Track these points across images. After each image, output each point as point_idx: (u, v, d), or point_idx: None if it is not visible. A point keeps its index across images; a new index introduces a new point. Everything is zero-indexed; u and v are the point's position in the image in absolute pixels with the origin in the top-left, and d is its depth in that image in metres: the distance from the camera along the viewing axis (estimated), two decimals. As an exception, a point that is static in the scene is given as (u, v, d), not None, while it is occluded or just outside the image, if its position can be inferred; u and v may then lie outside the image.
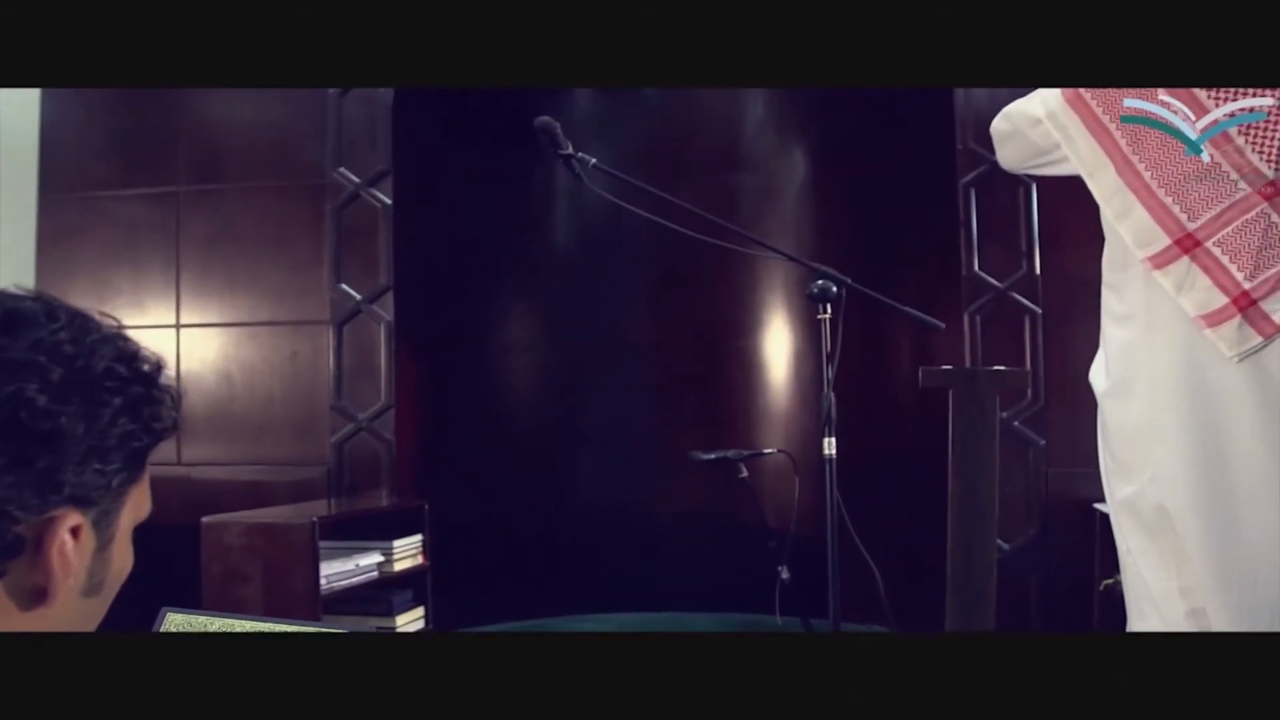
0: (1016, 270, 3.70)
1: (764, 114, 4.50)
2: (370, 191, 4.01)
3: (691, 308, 4.42)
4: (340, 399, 4.00)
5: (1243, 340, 2.04)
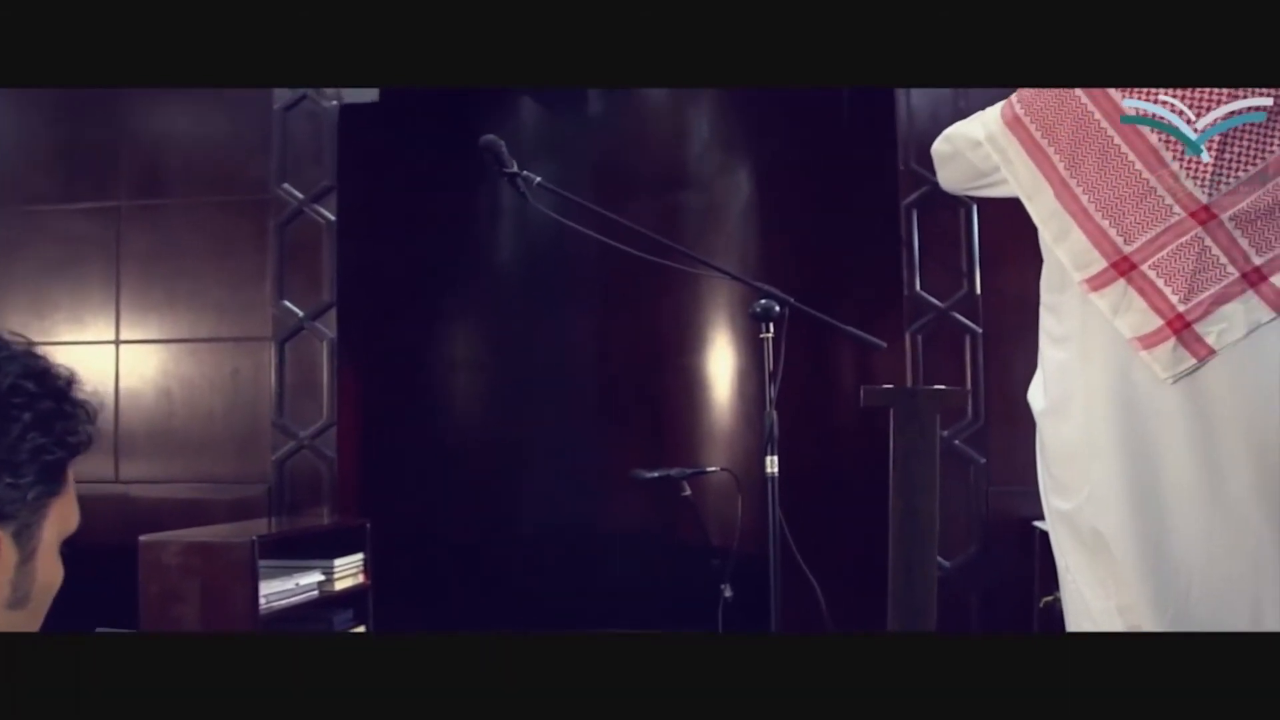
0: (957, 290, 3.75)
1: (709, 134, 4.52)
2: (314, 208, 3.99)
3: (635, 326, 4.42)
4: (282, 416, 3.96)
5: (1177, 362, 2.08)
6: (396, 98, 4.05)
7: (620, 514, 4.32)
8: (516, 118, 4.55)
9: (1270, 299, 2.04)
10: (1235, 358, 2.07)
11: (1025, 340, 2.44)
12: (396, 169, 4.34)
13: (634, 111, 4.54)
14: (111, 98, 4.14)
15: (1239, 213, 2.04)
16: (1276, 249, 2.04)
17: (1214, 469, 2.08)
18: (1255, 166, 2.04)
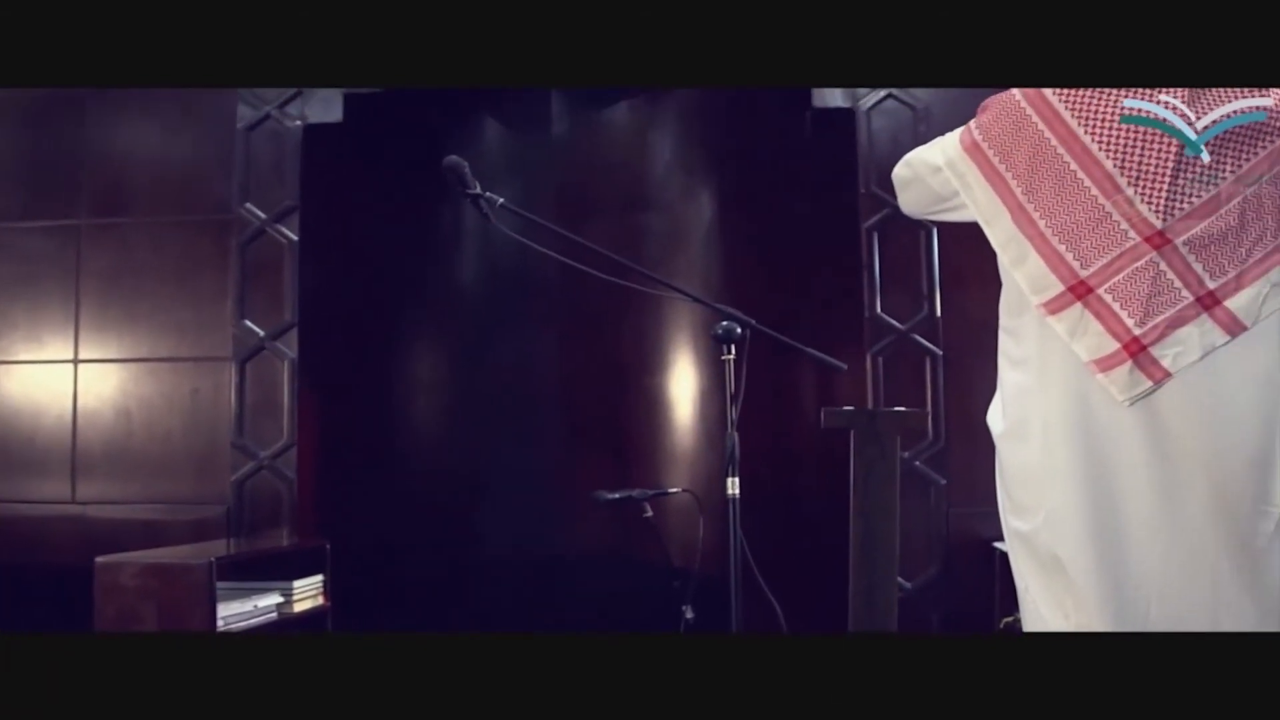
0: (918, 312, 3.78)
1: (671, 156, 4.54)
2: (276, 227, 3.98)
3: (598, 347, 4.43)
4: (241, 437, 3.94)
5: (1133, 385, 2.10)
6: (360, 118, 4.05)
7: (582, 535, 4.31)
8: (480, 139, 4.55)
9: (1224, 322, 2.07)
10: (1191, 380, 2.10)
11: (985, 362, 2.46)
12: (360, 189, 4.33)
13: (597, 133, 4.56)
14: (75, 115, 4.12)
15: (1193, 238, 2.07)
16: (1230, 273, 2.07)
17: (1171, 490, 2.10)
18: (1208, 193, 2.07)
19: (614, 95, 4.53)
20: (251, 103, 4.03)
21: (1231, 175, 2.07)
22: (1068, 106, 2.14)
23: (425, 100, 4.31)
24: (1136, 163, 2.07)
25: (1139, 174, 2.07)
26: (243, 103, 4.03)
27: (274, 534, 3.91)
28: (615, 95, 4.53)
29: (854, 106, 3.87)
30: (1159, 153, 2.07)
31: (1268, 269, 2.07)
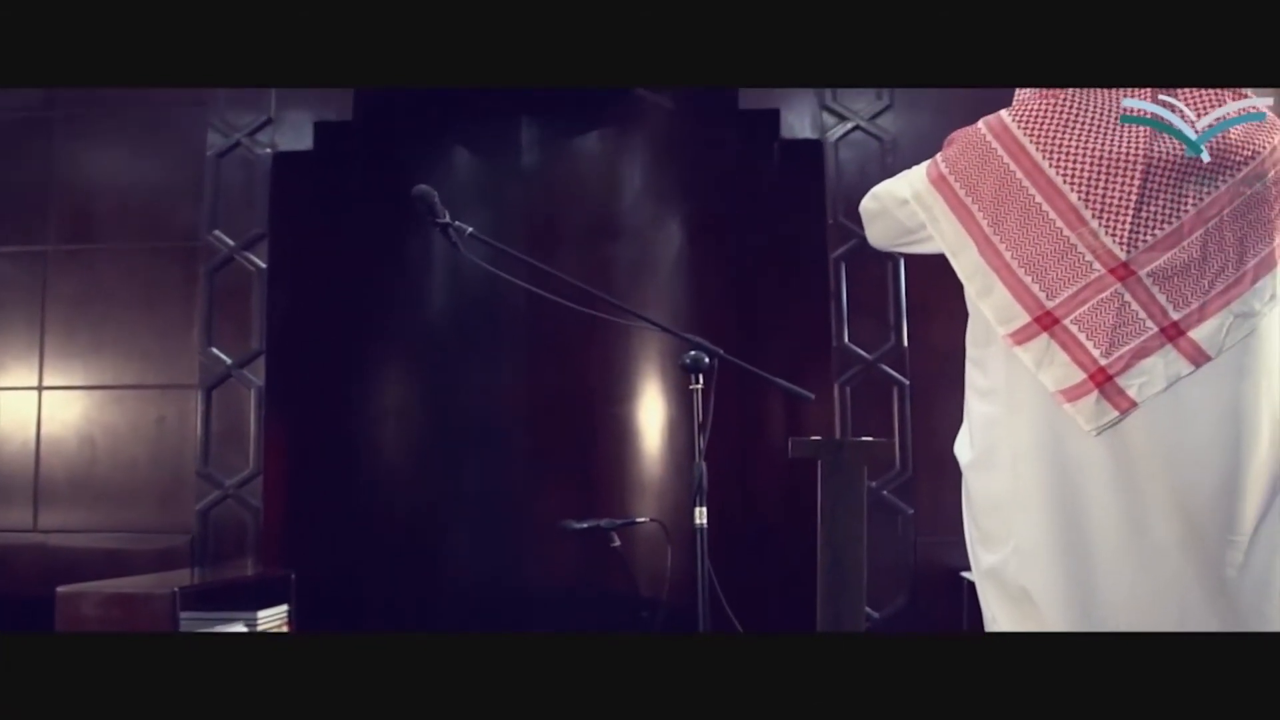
0: (885, 343, 3.80)
1: (641, 187, 4.56)
2: (245, 255, 3.96)
3: (566, 376, 4.43)
4: (207, 465, 3.90)
5: (1100, 415, 2.12)
6: (330, 146, 4.05)
7: (549, 565, 4.30)
8: (450, 167, 4.56)
9: (1188, 353, 2.09)
10: (1157, 410, 2.11)
11: (953, 392, 2.47)
12: (329, 217, 4.32)
13: (567, 162, 4.58)
14: (43, 140, 4.10)
15: (1156, 269, 2.10)
16: (1193, 304, 2.09)
17: (1139, 520, 2.12)
18: (1171, 225, 2.09)
19: (584, 125, 4.55)
20: (221, 130, 4.02)
21: (1193, 208, 2.10)
22: (1032, 140, 2.16)
23: (395, 129, 4.32)
24: (1100, 195, 2.10)
25: (1103, 206, 2.10)
26: (213, 130, 4.02)
27: (239, 563, 3.88)
28: (585, 125, 4.55)
29: (822, 138, 3.90)
30: (1122, 186, 2.09)
31: (1230, 300, 2.10)
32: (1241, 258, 2.11)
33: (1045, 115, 2.18)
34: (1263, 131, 2.16)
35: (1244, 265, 2.11)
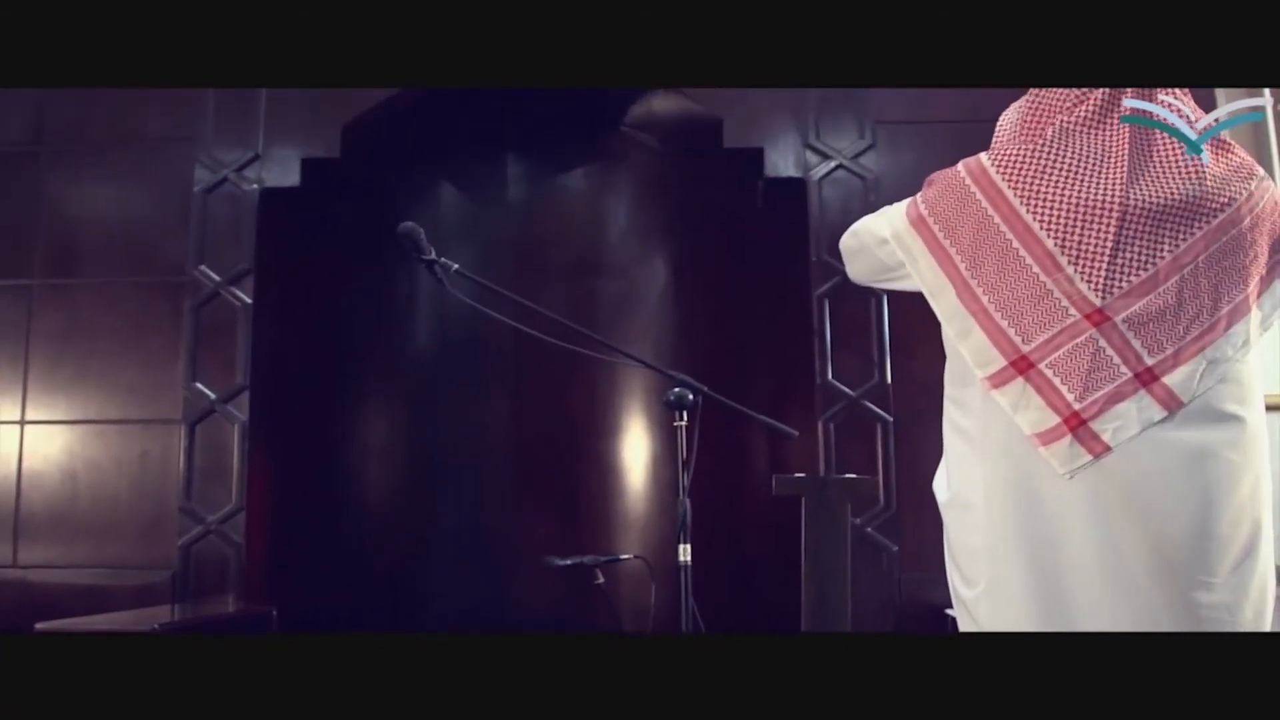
0: (868, 379, 3.81)
1: (626, 224, 4.58)
2: (231, 290, 3.96)
3: (551, 412, 4.43)
4: (189, 500, 3.89)
5: (1074, 458, 2.14)
6: (317, 182, 4.06)
7: (533, 601, 4.29)
8: (436, 204, 4.58)
9: (1162, 398, 2.11)
10: (1131, 454, 2.13)
11: (936, 428, 2.48)
12: (315, 253, 4.33)
13: (553, 199, 4.60)
14: (31, 174, 4.10)
15: (1132, 315, 2.12)
16: (1167, 350, 2.12)
17: (1113, 562, 2.13)
18: (1147, 271, 2.12)
19: (570, 161, 4.58)
20: (209, 166, 4.03)
21: (1169, 255, 2.12)
22: (1010, 185, 2.19)
23: (382, 165, 4.34)
24: (1076, 242, 2.13)
25: (1079, 253, 2.12)
26: (200, 166, 4.03)
27: (220, 599, 3.86)
28: (571, 161, 4.58)
29: (805, 176, 3.93)
30: (1098, 232, 2.12)
31: (1204, 346, 2.12)
32: (1216, 304, 2.14)
33: (1023, 161, 2.20)
34: (1239, 179, 2.19)
35: (1218, 312, 2.13)
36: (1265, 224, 2.19)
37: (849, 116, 3.97)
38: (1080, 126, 2.20)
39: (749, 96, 3.98)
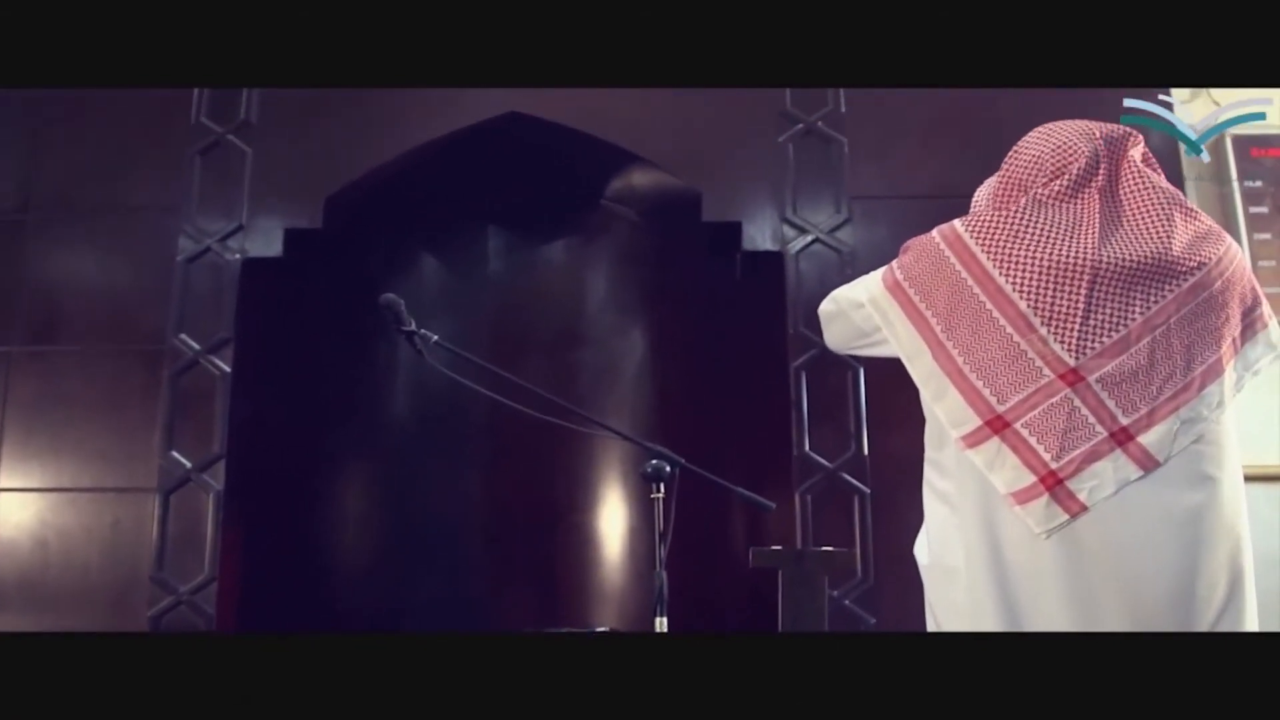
0: (845, 451, 3.82)
1: (605, 295, 4.62)
2: (210, 359, 3.96)
3: (528, 483, 4.42)
4: (161, 570, 3.85)
5: (1050, 518, 2.15)
6: (299, 253, 4.08)
7: (509, 673, 4.23)
8: (417, 275, 4.61)
9: (1137, 457, 2.13)
10: (1107, 514, 2.15)
11: (913, 500, 2.49)
12: (295, 323, 4.34)
13: (533, 271, 4.64)
14: (15, 241, 4.10)
15: (1105, 375, 2.15)
16: (1141, 410, 2.14)
17: (1090, 622, 2.14)
18: (1119, 332, 2.15)
19: (550, 234, 4.63)
20: (193, 235, 4.05)
21: (1140, 317, 2.16)
22: (984, 249, 2.23)
23: (364, 236, 4.37)
24: (1049, 304, 2.16)
25: (1051, 314, 2.16)
26: (184, 235, 4.05)
27: (191, 671, 3.80)
28: (551, 234, 4.63)
29: (782, 250, 3.98)
30: (1070, 294, 2.15)
31: (1178, 406, 2.15)
32: (1189, 365, 2.17)
33: (996, 226, 2.24)
34: (1209, 243, 2.24)
35: (1191, 372, 2.16)
36: (1235, 288, 2.23)
37: (825, 191, 4.03)
38: (1054, 199, 2.24)
39: (727, 171, 4.04)
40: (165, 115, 4.18)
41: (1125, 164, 2.28)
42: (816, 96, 4.11)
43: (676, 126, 4.10)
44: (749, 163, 4.06)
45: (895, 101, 4.09)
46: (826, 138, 4.07)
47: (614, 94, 4.08)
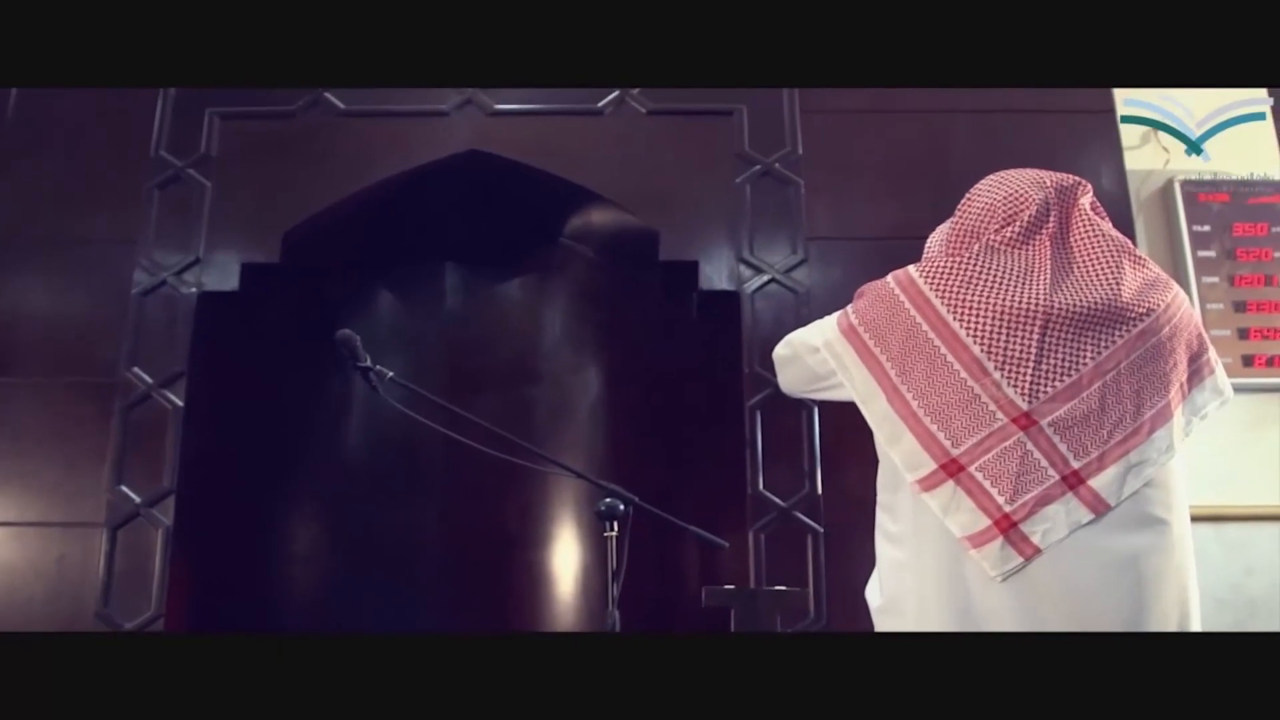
0: (799, 490, 3.84)
1: (561, 333, 4.62)
2: (163, 392, 3.92)
3: (481, 521, 4.40)
4: (107, 607, 3.79)
5: (1004, 561, 2.18)
6: (256, 287, 4.06)
7: (461, 713, 4.20)
8: (374, 311, 4.59)
9: (1089, 501, 2.17)
10: (1060, 557, 2.18)
11: (866, 540, 2.51)
12: (250, 358, 4.31)
13: (489, 308, 4.63)
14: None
15: (1057, 419, 2.18)
16: (1092, 454, 2.18)
17: (1042, 665, 2.16)
18: (1070, 377, 2.19)
19: (507, 271, 4.63)
20: (148, 268, 4.02)
21: (1091, 362, 2.20)
22: (938, 294, 2.26)
23: (321, 272, 4.36)
24: (1002, 348, 2.19)
25: (1005, 359, 2.19)
26: (140, 269, 4.02)
27: (137, 709, 3.74)
28: (508, 271, 4.63)
29: (739, 289, 4.00)
30: (1023, 339, 2.19)
31: (1128, 450, 2.18)
32: (1139, 409, 2.21)
33: (950, 272, 2.28)
34: (1156, 290, 2.28)
35: (1141, 417, 2.20)
36: (1182, 334, 2.28)
37: (782, 232, 4.06)
38: (1006, 245, 2.28)
39: (686, 211, 4.07)
40: (124, 148, 4.16)
41: (1076, 212, 2.32)
42: (774, 138, 4.16)
43: (635, 166, 4.13)
44: (706, 203, 4.09)
45: (852, 144, 4.15)
46: (784, 179, 4.11)
47: (573, 133, 4.11)
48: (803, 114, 4.19)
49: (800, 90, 4.20)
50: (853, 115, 4.20)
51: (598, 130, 4.17)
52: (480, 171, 4.15)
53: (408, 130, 4.14)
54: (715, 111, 4.18)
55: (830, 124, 4.19)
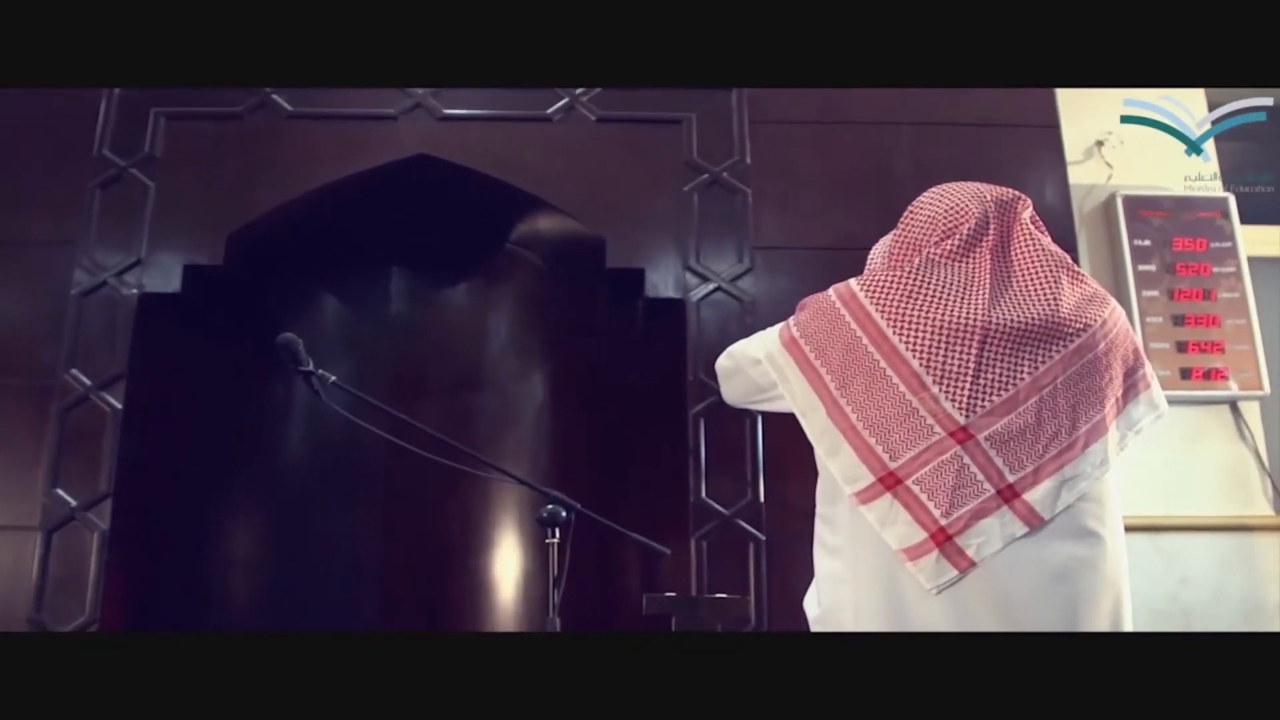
0: (742, 498, 3.85)
1: (507, 340, 4.61)
2: (101, 395, 3.87)
3: (422, 527, 4.38)
4: (39, 612, 3.72)
5: (940, 573, 2.20)
6: (198, 289, 4.02)
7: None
8: (318, 314, 4.56)
9: (1023, 514, 2.19)
10: (995, 570, 2.20)
11: (808, 549, 2.52)
12: (190, 361, 4.26)
13: (435, 313, 4.61)
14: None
15: (994, 434, 2.21)
16: (1028, 468, 2.20)
17: (978, 677, 2.18)
18: (1007, 392, 2.21)
19: (453, 276, 4.61)
20: (89, 269, 3.96)
21: (1028, 377, 2.22)
22: (878, 308, 2.28)
23: (264, 275, 4.32)
24: (941, 363, 2.21)
25: (943, 373, 2.21)
26: (80, 269, 3.96)
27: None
28: (454, 276, 4.61)
29: (684, 297, 4.01)
30: (961, 354, 2.21)
31: (1062, 464, 2.21)
32: (1074, 424, 2.23)
33: (890, 286, 2.29)
34: (1094, 305, 2.31)
35: (1076, 431, 2.23)
36: (1118, 349, 2.31)
37: (728, 241, 4.08)
38: (946, 259, 2.30)
39: (633, 218, 4.07)
40: (66, 147, 4.10)
41: (1017, 226, 2.35)
42: (723, 147, 4.17)
43: (583, 173, 4.13)
44: (654, 211, 4.10)
45: (800, 154, 4.17)
46: (731, 188, 4.13)
47: (522, 139, 4.11)
48: (751, 124, 4.21)
49: (749, 100, 4.22)
50: (801, 125, 4.23)
51: (547, 137, 4.16)
52: (428, 176, 4.13)
53: (355, 134, 4.12)
54: (664, 120, 4.19)
55: (778, 134, 4.22)
